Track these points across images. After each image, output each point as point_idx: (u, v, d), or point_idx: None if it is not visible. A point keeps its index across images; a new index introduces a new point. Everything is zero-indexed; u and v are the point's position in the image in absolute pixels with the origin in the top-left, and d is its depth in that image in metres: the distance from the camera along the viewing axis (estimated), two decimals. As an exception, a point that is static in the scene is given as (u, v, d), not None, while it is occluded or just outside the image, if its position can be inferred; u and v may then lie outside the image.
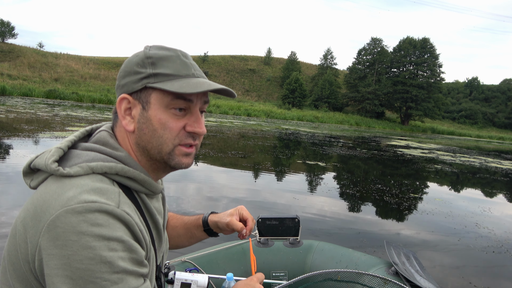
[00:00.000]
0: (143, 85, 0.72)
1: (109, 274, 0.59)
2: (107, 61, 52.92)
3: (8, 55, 42.08)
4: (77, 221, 0.59)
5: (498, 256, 3.71)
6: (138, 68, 0.72)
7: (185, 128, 0.75)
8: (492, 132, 62.02)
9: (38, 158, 0.71)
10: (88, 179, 0.65)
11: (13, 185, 4.47)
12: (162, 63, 0.72)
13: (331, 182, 6.98)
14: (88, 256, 0.58)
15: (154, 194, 0.80)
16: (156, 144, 0.74)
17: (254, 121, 28.02)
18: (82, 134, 0.78)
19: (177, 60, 0.74)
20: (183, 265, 1.54)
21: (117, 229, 0.62)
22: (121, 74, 0.76)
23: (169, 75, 0.72)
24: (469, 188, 8.09)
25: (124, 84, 0.74)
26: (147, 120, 0.73)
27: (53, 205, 0.61)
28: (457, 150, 19.85)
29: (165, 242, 0.91)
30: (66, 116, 14.26)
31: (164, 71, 0.72)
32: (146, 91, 0.72)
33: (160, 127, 0.72)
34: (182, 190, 5.07)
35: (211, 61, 63.76)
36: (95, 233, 0.59)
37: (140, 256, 0.66)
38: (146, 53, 0.74)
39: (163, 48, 0.75)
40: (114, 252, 0.60)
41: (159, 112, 0.72)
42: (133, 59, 0.75)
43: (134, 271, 0.63)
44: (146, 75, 0.72)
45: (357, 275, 1.33)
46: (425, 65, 52.42)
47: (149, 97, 0.72)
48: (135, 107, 0.74)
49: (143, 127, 0.73)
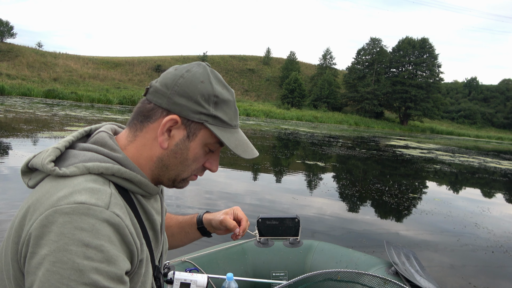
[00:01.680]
0: (201, 121, 0.73)
1: (76, 283, 0.57)
2: (106, 61, 52.83)
3: (7, 54, 42.01)
4: (62, 222, 0.58)
5: (498, 256, 3.72)
6: (202, 101, 0.73)
7: (204, 163, 0.80)
8: (491, 132, 62.08)
9: (36, 157, 0.70)
10: (82, 179, 0.65)
11: (12, 184, 4.46)
12: (223, 107, 0.75)
13: (331, 182, 6.98)
14: (62, 260, 0.57)
15: (151, 196, 0.80)
16: (179, 170, 0.78)
17: (253, 121, 28.02)
18: (81, 135, 0.78)
19: (233, 107, 0.78)
20: (183, 265, 1.54)
21: (100, 236, 0.59)
22: (180, 91, 0.72)
23: (224, 122, 0.76)
24: (468, 188, 8.10)
25: (179, 104, 0.72)
26: (186, 148, 0.75)
27: (44, 204, 0.61)
28: (456, 150, 19.88)
29: (164, 243, 0.90)
30: (65, 116, 14.24)
31: (222, 117, 0.75)
32: (199, 125, 0.74)
33: (192, 159, 0.77)
34: (181, 190, 5.06)
35: (210, 61, 63.73)
36: (75, 237, 0.58)
37: (120, 270, 0.62)
38: (215, 90, 0.74)
39: (225, 87, 0.77)
40: (89, 261, 0.58)
41: (198, 147, 0.76)
42: (198, 86, 0.73)
43: (104, 287, 0.59)
44: (207, 113, 0.73)
45: (357, 275, 1.32)
46: (424, 65, 52.45)
47: (198, 131, 0.75)
48: (178, 130, 0.74)
49: (178, 151, 0.75)
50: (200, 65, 0.77)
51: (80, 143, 0.75)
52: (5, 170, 5.12)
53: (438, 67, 53.04)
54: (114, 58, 56.43)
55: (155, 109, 0.73)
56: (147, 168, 0.77)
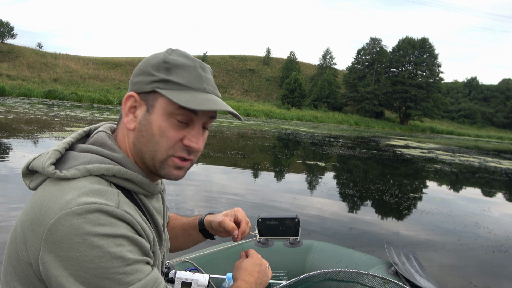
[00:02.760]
0: (152, 89, 0.71)
1: (122, 267, 0.61)
2: (106, 61, 52.85)
3: (7, 55, 42.02)
4: (78, 223, 0.59)
5: (498, 255, 3.72)
6: (153, 70, 0.72)
7: (182, 141, 0.73)
8: (491, 131, 62.05)
9: (36, 160, 0.70)
10: (86, 181, 0.65)
11: (12, 185, 4.46)
12: (177, 71, 0.71)
13: (331, 182, 6.98)
14: (98, 255, 0.59)
15: (152, 195, 0.80)
16: (151, 150, 0.73)
17: (254, 121, 28.02)
18: (80, 135, 0.77)
19: (193, 71, 0.73)
20: (183, 265, 1.54)
21: (119, 227, 0.62)
22: (136, 71, 0.76)
23: (179, 85, 0.71)
24: (468, 188, 8.09)
25: (136, 82, 0.74)
26: (148, 123, 0.72)
27: (52, 209, 0.61)
28: (456, 149, 19.87)
29: (166, 242, 0.91)
30: (65, 117, 14.24)
31: (176, 80, 0.71)
32: (154, 95, 0.72)
33: (158, 134, 0.71)
34: (181, 190, 5.06)
35: (210, 61, 63.69)
36: (99, 233, 0.59)
37: (146, 248, 0.67)
38: (165, 57, 0.73)
39: (183, 56, 0.74)
40: (122, 247, 0.62)
41: (161, 119, 0.71)
42: (151, 60, 0.74)
43: (144, 259, 0.66)
44: (157, 79, 0.71)
45: (357, 275, 1.32)
46: (424, 65, 52.44)
47: (155, 101, 0.72)
48: (140, 107, 0.74)
49: (143, 129, 0.73)
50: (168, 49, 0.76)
51: (80, 144, 0.75)
52: (6, 171, 5.12)
53: (438, 67, 53.02)
54: (114, 59, 56.45)
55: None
56: (136, 161, 0.77)
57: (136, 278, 0.63)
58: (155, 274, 0.68)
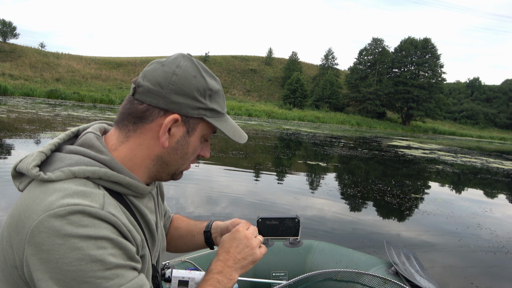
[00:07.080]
0: (200, 115, 0.75)
1: (101, 271, 0.59)
2: (108, 61, 52.95)
3: (9, 55, 42.15)
4: (60, 224, 0.58)
5: (500, 257, 3.71)
6: (199, 96, 0.74)
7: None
8: (493, 132, 61.83)
9: (22, 162, 0.69)
10: (71, 183, 0.64)
11: (12, 185, 4.47)
12: (216, 98, 0.77)
13: (332, 182, 6.98)
14: (77, 257, 0.58)
15: (143, 196, 0.78)
16: (179, 164, 0.79)
17: (255, 121, 28.02)
18: (68, 136, 0.76)
19: (222, 95, 0.80)
20: (183, 265, 1.54)
21: (102, 228, 0.61)
22: (176, 89, 0.72)
23: (218, 113, 0.78)
24: (470, 189, 8.07)
25: (177, 102, 0.72)
26: (186, 144, 0.77)
27: (36, 210, 0.60)
28: (459, 150, 19.81)
29: (161, 241, 0.89)
30: (67, 116, 14.28)
31: (217, 108, 0.78)
32: (197, 119, 0.76)
33: (191, 152, 0.79)
34: (182, 190, 5.07)
35: (212, 61, 63.74)
36: (80, 234, 0.58)
37: (131, 252, 0.65)
38: (208, 83, 0.75)
39: (213, 77, 0.79)
40: (103, 250, 0.60)
41: (196, 140, 0.78)
42: (193, 81, 0.73)
43: (127, 264, 0.64)
44: (205, 107, 0.75)
45: (357, 275, 1.32)
46: (426, 65, 52.31)
47: (197, 125, 0.76)
48: (178, 128, 0.74)
49: (179, 148, 0.76)
50: (186, 58, 0.75)
51: (67, 145, 0.73)
52: (5, 171, 5.14)
53: (440, 67, 52.87)
54: (116, 59, 56.55)
55: (150, 109, 0.72)
56: (143, 167, 0.76)
57: (116, 284, 0.61)
58: (139, 281, 0.65)
